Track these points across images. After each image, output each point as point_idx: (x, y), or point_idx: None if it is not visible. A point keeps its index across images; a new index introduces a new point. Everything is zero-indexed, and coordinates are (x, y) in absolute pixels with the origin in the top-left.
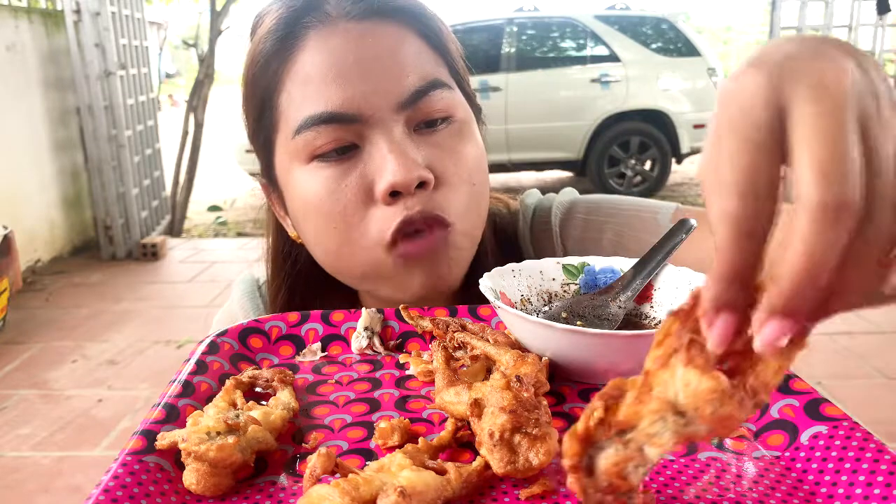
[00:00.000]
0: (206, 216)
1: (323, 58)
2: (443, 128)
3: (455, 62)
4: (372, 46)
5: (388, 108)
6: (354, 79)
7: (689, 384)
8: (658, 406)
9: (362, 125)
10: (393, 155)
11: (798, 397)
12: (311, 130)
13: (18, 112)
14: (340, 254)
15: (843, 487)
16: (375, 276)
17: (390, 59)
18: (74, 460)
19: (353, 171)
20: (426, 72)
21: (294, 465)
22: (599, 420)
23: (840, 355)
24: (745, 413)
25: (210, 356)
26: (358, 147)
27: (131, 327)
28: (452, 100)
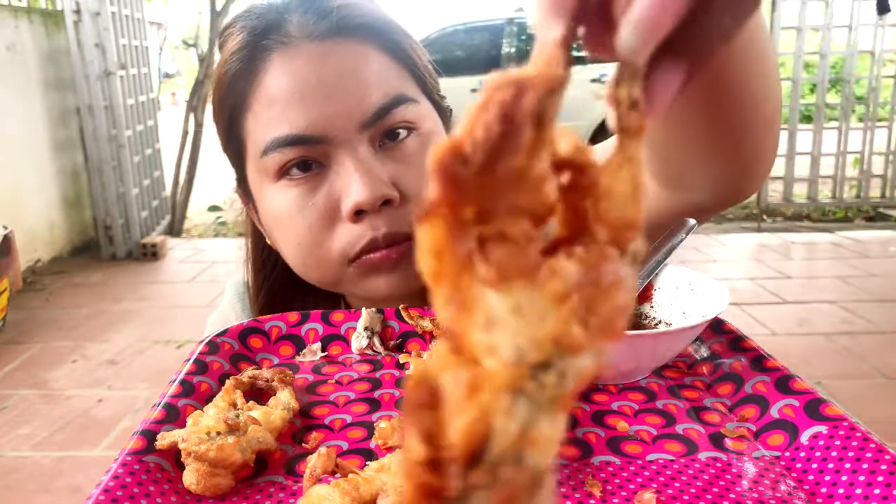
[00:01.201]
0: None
1: (286, 80)
2: (407, 138)
3: (420, 71)
4: (334, 66)
5: (353, 128)
6: (318, 100)
7: (521, 313)
8: (501, 382)
9: (327, 145)
10: (358, 174)
11: (798, 397)
12: (277, 152)
13: (18, 112)
14: (307, 265)
15: (843, 487)
16: (342, 285)
17: (353, 79)
18: (74, 460)
19: (319, 189)
20: (390, 87)
21: (294, 466)
22: (429, 466)
23: (840, 355)
24: (627, 286)
25: (210, 356)
26: (324, 166)
27: (131, 327)
28: (417, 113)
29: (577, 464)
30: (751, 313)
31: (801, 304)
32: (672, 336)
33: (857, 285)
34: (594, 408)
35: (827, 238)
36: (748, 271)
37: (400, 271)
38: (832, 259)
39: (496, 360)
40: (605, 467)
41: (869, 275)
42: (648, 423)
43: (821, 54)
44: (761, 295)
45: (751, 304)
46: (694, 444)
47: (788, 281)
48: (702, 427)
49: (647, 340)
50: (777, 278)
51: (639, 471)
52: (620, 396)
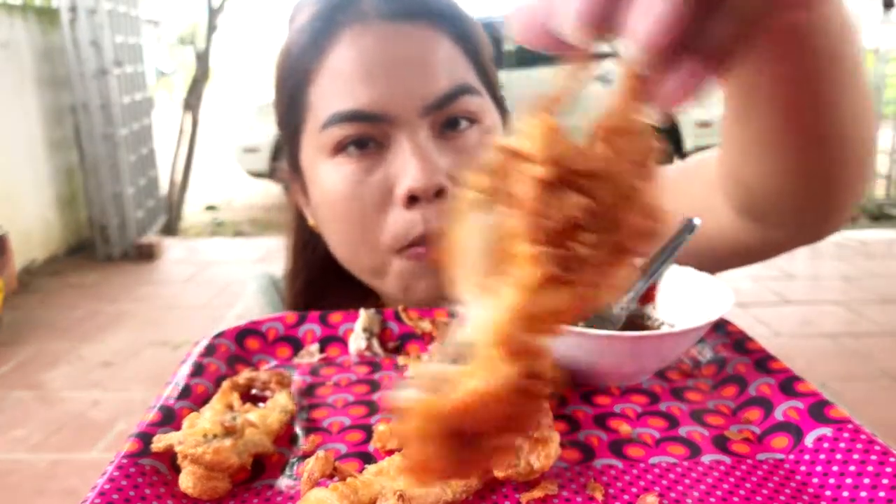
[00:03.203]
0: (203, 216)
1: (355, 55)
2: (468, 130)
3: (487, 68)
4: (404, 47)
5: (415, 110)
6: (384, 79)
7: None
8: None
9: (388, 125)
10: (415, 159)
11: (802, 399)
12: (337, 126)
13: (13, 111)
14: (352, 249)
15: (847, 490)
16: (383, 275)
17: (421, 62)
18: (69, 463)
19: (375, 170)
20: (456, 76)
21: (292, 469)
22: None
23: (845, 357)
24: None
25: (206, 358)
26: (383, 146)
27: (127, 328)
28: (480, 106)
29: (579, 467)
30: (755, 314)
31: (805, 305)
32: (675, 337)
33: (862, 286)
34: (596, 410)
35: (831, 238)
36: (752, 272)
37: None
38: (836, 259)
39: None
40: (608, 471)
41: (874, 275)
42: (651, 426)
43: None
44: (765, 296)
45: (755, 305)
46: (697, 447)
47: (792, 281)
48: (705, 430)
49: (651, 342)
50: (781, 279)
51: (641, 474)
52: (623, 399)
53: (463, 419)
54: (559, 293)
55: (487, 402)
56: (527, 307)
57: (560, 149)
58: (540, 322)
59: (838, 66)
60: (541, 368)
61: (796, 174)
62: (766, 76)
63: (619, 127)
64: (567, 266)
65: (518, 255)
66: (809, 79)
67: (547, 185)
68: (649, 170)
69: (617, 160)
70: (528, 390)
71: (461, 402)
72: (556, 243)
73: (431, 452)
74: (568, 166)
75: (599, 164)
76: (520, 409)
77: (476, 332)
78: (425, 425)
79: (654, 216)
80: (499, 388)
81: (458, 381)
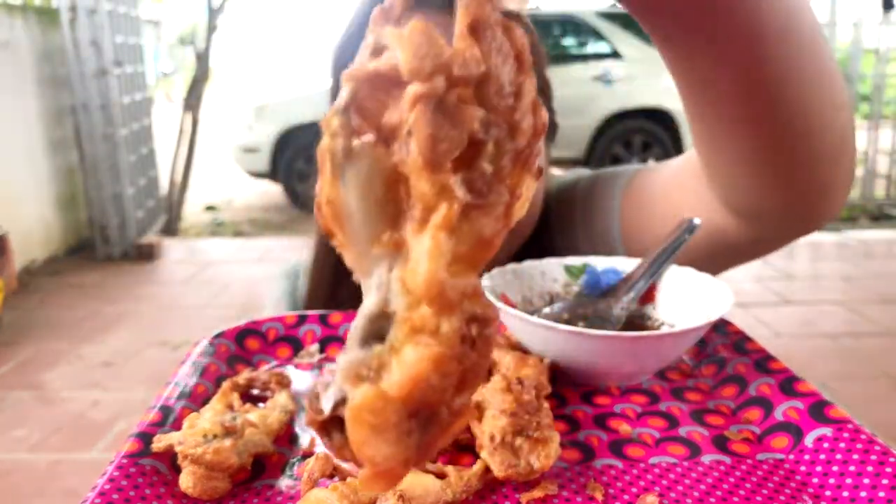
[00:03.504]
0: (203, 216)
1: None
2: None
3: (542, 76)
4: None
5: None
6: None
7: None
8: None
9: None
10: None
11: (802, 399)
12: None
13: (14, 111)
14: None
15: (847, 490)
16: None
17: None
18: (69, 463)
19: None
20: None
21: (292, 469)
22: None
23: (845, 357)
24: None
25: (206, 358)
26: None
27: (127, 328)
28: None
29: (579, 467)
30: (755, 314)
31: (805, 305)
32: (675, 337)
33: (862, 286)
34: (596, 410)
35: (831, 238)
36: (752, 272)
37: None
38: (837, 259)
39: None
40: (608, 471)
41: (874, 275)
42: (651, 426)
43: None
44: (765, 296)
45: (755, 305)
46: (697, 448)
47: (793, 281)
48: (705, 430)
49: (650, 342)
50: (781, 279)
51: (641, 474)
52: (623, 399)
53: (416, 396)
54: (480, 221)
55: (437, 367)
56: (453, 249)
57: (438, 55)
58: (470, 260)
59: (786, 47)
60: (481, 308)
61: (771, 172)
62: (711, 66)
63: (482, 19)
64: (478, 190)
65: (420, 194)
66: (757, 63)
67: (436, 103)
68: (527, 62)
69: (495, 57)
70: (475, 337)
71: (408, 378)
72: (460, 167)
73: (390, 448)
74: (451, 75)
75: (482, 67)
76: (471, 361)
77: (397, 296)
78: (376, 419)
79: (541, 111)
80: (446, 347)
81: (389, 360)
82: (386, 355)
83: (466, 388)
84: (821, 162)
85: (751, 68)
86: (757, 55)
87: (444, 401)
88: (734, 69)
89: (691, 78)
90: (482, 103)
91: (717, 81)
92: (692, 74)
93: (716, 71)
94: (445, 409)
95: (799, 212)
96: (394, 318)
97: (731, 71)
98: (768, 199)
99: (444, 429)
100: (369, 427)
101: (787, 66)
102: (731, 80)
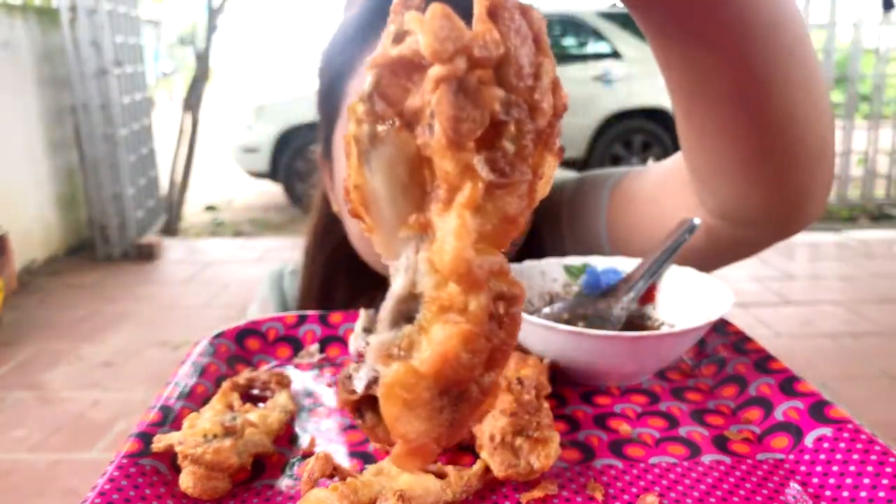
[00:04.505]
0: (203, 216)
1: None
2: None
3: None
4: None
5: None
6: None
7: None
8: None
9: None
10: None
11: (802, 399)
12: None
13: (14, 111)
14: (366, 239)
15: (847, 490)
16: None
17: None
18: (69, 463)
19: None
20: None
21: (292, 469)
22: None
23: (844, 357)
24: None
25: (206, 358)
26: None
27: (127, 328)
28: None
29: (579, 467)
30: (755, 314)
31: (805, 306)
32: (675, 337)
33: (862, 286)
34: (596, 410)
35: (831, 238)
36: (752, 272)
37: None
38: (836, 259)
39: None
40: (608, 471)
41: (874, 275)
42: (651, 426)
43: (825, 52)
44: (765, 296)
45: (755, 306)
46: (697, 448)
47: (793, 282)
48: (705, 430)
49: (650, 342)
50: (781, 279)
51: (641, 474)
52: (623, 399)
53: (446, 373)
54: (504, 199)
55: (466, 344)
56: (478, 227)
57: (459, 38)
58: (495, 238)
59: (774, 47)
60: (507, 286)
61: (751, 174)
62: (699, 64)
63: (500, 2)
64: (500, 169)
65: (444, 174)
66: (746, 64)
67: (457, 84)
68: (545, 43)
69: (514, 39)
70: (502, 315)
71: (438, 354)
72: (483, 147)
73: (423, 424)
74: (472, 57)
75: (501, 48)
76: (499, 339)
77: (424, 276)
78: (409, 395)
79: (561, 91)
80: (474, 325)
81: (419, 339)
82: (415, 334)
83: (495, 366)
84: (803, 165)
85: (740, 67)
86: (746, 53)
87: (474, 378)
88: (724, 67)
89: (682, 76)
90: (502, 84)
91: (707, 78)
92: (683, 72)
93: (706, 68)
94: (475, 387)
95: (781, 214)
96: (422, 298)
97: (722, 69)
98: (752, 202)
99: (474, 406)
100: (402, 402)
101: (774, 66)
102: (721, 76)
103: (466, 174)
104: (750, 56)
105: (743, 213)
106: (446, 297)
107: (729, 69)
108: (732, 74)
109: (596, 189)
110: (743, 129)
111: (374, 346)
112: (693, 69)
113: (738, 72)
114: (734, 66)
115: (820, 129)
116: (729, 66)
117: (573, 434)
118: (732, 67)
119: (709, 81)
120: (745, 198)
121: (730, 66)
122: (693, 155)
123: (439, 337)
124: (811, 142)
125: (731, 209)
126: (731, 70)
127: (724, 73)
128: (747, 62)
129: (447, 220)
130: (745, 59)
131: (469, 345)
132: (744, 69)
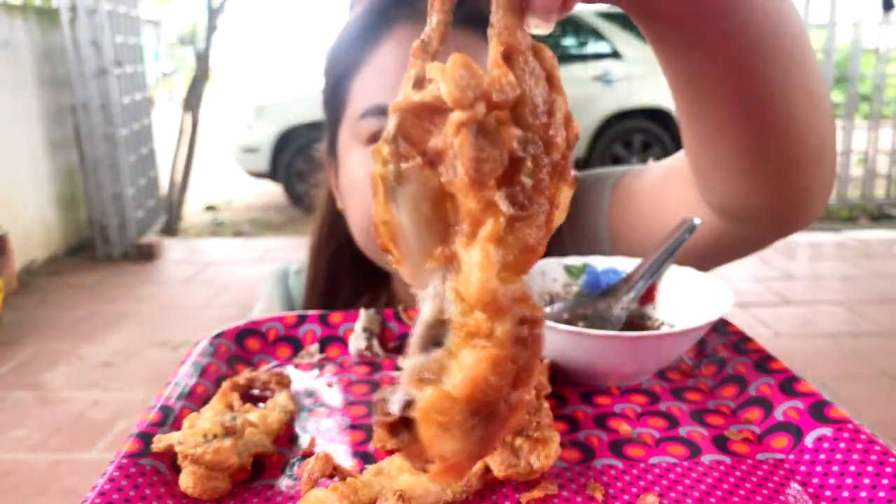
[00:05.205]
0: (203, 216)
1: (402, 54)
2: None
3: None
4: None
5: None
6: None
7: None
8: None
9: None
10: None
11: (802, 399)
12: (375, 118)
13: (14, 111)
14: (370, 237)
15: (847, 490)
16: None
17: None
18: (69, 463)
19: None
20: None
21: (292, 469)
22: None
23: (844, 357)
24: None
25: (206, 358)
26: None
27: (127, 328)
28: None
29: (579, 467)
30: (755, 314)
31: (805, 306)
32: (675, 338)
33: (862, 286)
34: (596, 410)
35: (831, 238)
36: (752, 272)
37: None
38: (837, 259)
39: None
40: (608, 471)
41: (874, 275)
42: (651, 426)
43: (825, 52)
44: (766, 296)
45: (755, 305)
46: (697, 448)
47: (793, 282)
48: (705, 430)
49: (650, 342)
50: (781, 279)
51: (641, 474)
52: (623, 399)
53: (477, 395)
54: (524, 231)
55: (494, 368)
56: (501, 258)
57: (479, 85)
58: (517, 267)
59: (776, 50)
60: (529, 310)
61: (751, 173)
62: (702, 69)
63: (514, 46)
64: (520, 203)
65: (468, 210)
66: (747, 69)
67: (477, 127)
68: (557, 80)
69: (528, 80)
70: (526, 337)
71: (469, 379)
72: (503, 183)
73: (458, 444)
74: (490, 101)
75: (517, 90)
76: (524, 360)
77: (451, 304)
78: (444, 418)
79: (573, 123)
80: (500, 349)
81: (448, 363)
82: (445, 359)
83: (521, 385)
84: (804, 165)
85: (741, 72)
86: (747, 59)
87: (502, 397)
88: (726, 72)
89: (684, 78)
90: (518, 123)
91: (709, 82)
92: (685, 74)
93: (708, 73)
94: (503, 405)
95: (782, 213)
96: (450, 324)
97: (723, 74)
98: (753, 201)
99: (503, 422)
100: (438, 425)
101: (775, 70)
102: (723, 80)
103: (489, 210)
104: (751, 62)
105: (744, 211)
106: (473, 323)
107: (730, 74)
108: (733, 79)
109: (597, 187)
110: (744, 130)
111: (406, 370)
112: (695, 74)
113: (739, 76)
114: (735, 72)
115: (820, 130)
116: (730, 71)
117: (573, 434)
118: (733, 72)
119: (710, 85)
120: (745, 196)
121: (731, 71)
122: (694, 153)
123: (468, 362)
124: (812, 142)
125: (733, 207)
126: (732, 75)
127: (726, 78)
128: (748, 67)
129: (472, 252)
130: (746, 64)
131: (497, 368)
132: (745, 74)
